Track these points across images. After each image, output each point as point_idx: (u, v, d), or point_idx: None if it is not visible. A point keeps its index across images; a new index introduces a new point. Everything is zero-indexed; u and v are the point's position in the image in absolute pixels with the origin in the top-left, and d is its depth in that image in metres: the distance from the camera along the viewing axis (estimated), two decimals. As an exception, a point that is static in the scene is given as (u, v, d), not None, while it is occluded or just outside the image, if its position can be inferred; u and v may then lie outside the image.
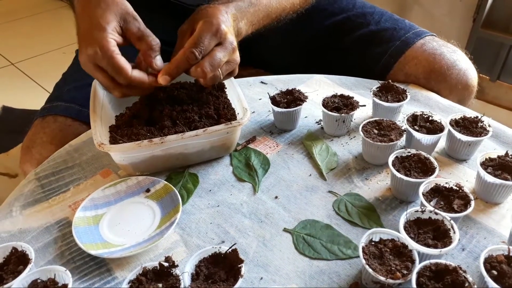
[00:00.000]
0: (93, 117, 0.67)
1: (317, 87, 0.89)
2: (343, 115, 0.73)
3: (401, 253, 0.51)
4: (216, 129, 0.64)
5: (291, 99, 0.76)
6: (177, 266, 0.51)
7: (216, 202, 0.65)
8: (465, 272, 0.47)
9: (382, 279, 0.47)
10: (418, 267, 0.48)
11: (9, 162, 1.55)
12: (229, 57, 0.66)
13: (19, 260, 0.54)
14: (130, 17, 0.65)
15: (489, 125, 0.68)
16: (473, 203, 0.56)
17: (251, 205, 0.64)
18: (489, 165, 0.62)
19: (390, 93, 0.78)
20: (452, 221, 0.53)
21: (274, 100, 0.77)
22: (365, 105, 0.79)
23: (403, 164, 0.63)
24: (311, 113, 0.82)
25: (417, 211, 0.55)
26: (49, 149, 0.79)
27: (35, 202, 0.67)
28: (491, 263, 0.48)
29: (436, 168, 0.61)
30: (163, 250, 0.58)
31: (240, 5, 0.74)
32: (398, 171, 0.61)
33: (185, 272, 0.50)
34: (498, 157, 0.63)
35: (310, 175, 0.69)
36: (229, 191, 0.67)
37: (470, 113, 0.72)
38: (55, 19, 2.78)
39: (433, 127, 0.69)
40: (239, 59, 0.68)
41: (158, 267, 0.51)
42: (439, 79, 0.85)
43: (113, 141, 0.65)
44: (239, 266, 0.50)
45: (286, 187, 0.67)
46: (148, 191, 0.66)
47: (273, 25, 0.82)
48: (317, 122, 0.80)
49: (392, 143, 0.66)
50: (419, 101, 0.84)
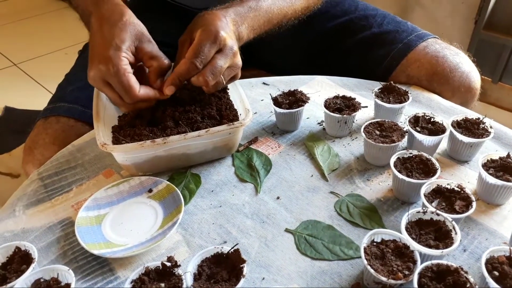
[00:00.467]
0: (96, 118, 0.67)
1: (319, 88, 0.89)
2: (345, 116, 0.73)
3: (403, 253, 0.51)
4: (218, 129, 0.64)
5: (293, 100, 0.77)
6: (180, 266, 0.51)
7: (218, 202, 0.65)
8: (466, 273, 0.47)
9: (383, 279, 0.48)
10: (419, 267, 0.48)
11: (11, 162, 1.55)
12: (231, 62, 0.66)
13: (22, 259, 0.54)
14: (145, 38, 0.67)
15: (490, 127, 0.68)
16: (474, 204, 0.56)
17: (253, 205, 0.65)
18: (490, 166, 0.62)
19: (392, 94, 0.78)
20: (453, 222, 0.53)
21: (276, 101, 0.77)
22: (367, 106, 0.79)
23: (405, 165, 0.63)
24: (313, 114, 0.82)
25: (418, 212, 0.55)
26: (51, 150, 0.79)
27: (38, 202, 0.67)
28: (492, 264, 0.48)
29: (437, 169, 0.61)
30: (165, 250, 0.59)
31: (239, 10, 0.74)
32: (399, 172, 0.62)
33: (187, 272, 0.50)
34: (499, 158, 0.63)
35: (312, 176, 0.69)
36: (231, 191, 0.67)
37: (472, 114, 0.72)
38: (57, 20, 2.79)
39: (435, 129, 0.69)
40: (241, 63, 0.68)
41: (160, 267, 0.51)
42: (442, 81, 0.85)
43: (116, 141, 0.65)
44: (241, 266, 0.50)
45: (288, 188, 0.67)
46: (150, 191, 0.66)
47: (275, 31, 0.83)
48: (319, 123, 0.80)
49: (394, 144, 0.66)
50: (421, 103, 0.84)
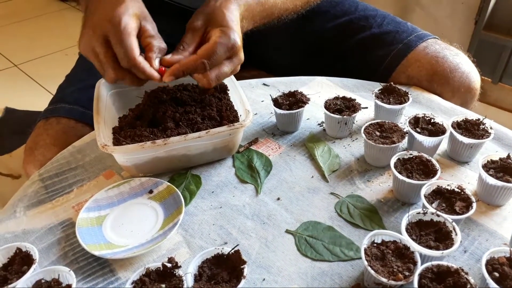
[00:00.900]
0: (97, 119, 0.67)
1: (319, 89, 0.89)
2: (345, 117, 0.73)
3: (403, 254, 0.51)
4: (218, 130, 0.64)
5: (293, 101, 0.77)
6: (180, 267, 0.51)
7: (218, 203, 0.65)
8: (467, 274, 0.47)
9: (384, 280, 0.48)
10: (420, 268, 0.48)
11: (12, 163, 1.55)
12: (235, 69, 0.67)
13: (23, 260, 0.54)
14: (148, 17, 0.66)
15: (491, 128, 0.68)
16: (475, 205, 0.56)
17: (253, 206, 0.65)
18: (491, 167, 0.62)
19: (392, 95, 0.78)
20: (454, 223, 0.53)
21: (276, 102, 0.77)
22: (367, 107, 0.79)
23: (405, 166, 0.63)
24: (313, 115, 0.82)
25: (419, 213, 0.55)
26: (52, 151, 0.79)
27: (38, 203, 0.67)
28: (493, 265, 0.49)
29: (438, 170, 0.61)
30: (166, 251, 0.59)
31: (250, 2, 0.73)
32: (400, 173, 0.62)
33: (188, 273, 0.50)
34: (500, 159, 0.63)
35: (312, 176, 0.69)
36: (231, 192, 0.67)
37: (472, 115, 0.72)
38: (58, 21, 2.80)
39: (435, 129, 0.69)
40: (239, 67, 0.69)
41: (161, 268, 0.51)
42: (442, 82, 0.85)
43: (117, 142, 0.66)
44: (242, 267, 0.50)
45: (288, 189, 0.67)
46: (151, 192, 0.66)
47: (272, 24, 0.83)
48: (319, 124, 0.80)
49: (394, 145, 0.66)
50: (421, 103, 0.84)
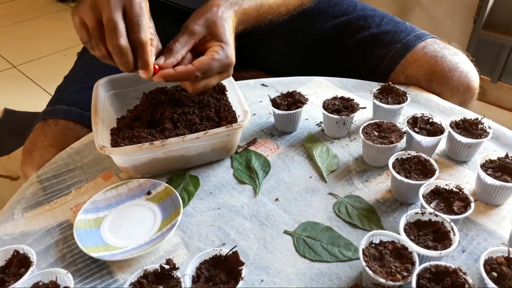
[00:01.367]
0: (95, 120, 0.67)
1: (318, 89, 0.89)
2: (343, 117, 0.73)
3: (401, 255, 0.51)
4: (217, 131, 0.64)
5: (291, 101, 0.77)
6: (178, 268, 0.51)
7: (217, 204, 0.65)
8: (465, 274, 0.47)
9: (382, 281, 0.48)
10: (418, 269, 0.48)
11: (11, 164, 1.55)
12: (220, 81, 0.69)
13: (20, 262, 0.54)
14: (148, 14, 0.65)
15: (489, 127, 0.68)
16: (473, 205, 0.56)
17: (251, 207, 0.64)
18: (489, 167, 0.62)
19: (390, 95, 0.78)
20: (452, 223, 0.53)
21: (274, 102, 0.77)
22: (365, 107, 0.79)
23: (403, 166, 0.63)
24: (311, 115, 0.82)
25: (417, 213, 0.55)
26: (50, 152, 0.79)
27: (36, 204, 0.67)
28: (491, 265, 0.48)
29: (436, 170, 0.61)
30: (164, 252, 0.59)
31: (247, 9, 0.74)
32: (398, 173, 0.61)
33: (186, 274, 0.50)
34: (498, 159, 0.63)
35: (310, 177, 0.69)
36: (229, 193, 0.67)
37: (470, 115, 0.72)
38: (57, 22, 2.80)
39: (433, 129, 0.69)
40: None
41: (159, 270, 0.51)
42: (441, 81, 0.85)
43: (115, 144, 0.66)
44: (240, 268, 0.50)
45: (286, 189, 0.67)
46: (149, 193, 0.66)
47: (269, 25, 0.83)
48: (317, 124, 0.80)
49: (392, 145, 0.66)
50: (419, 103, 0.84)
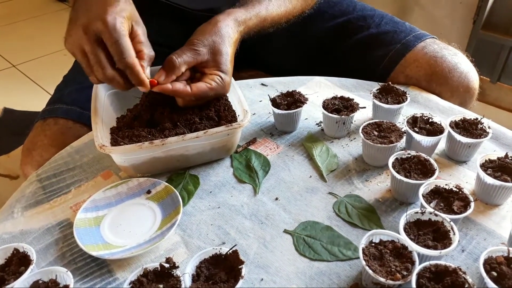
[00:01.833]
0: (94, 119, 0.67)
1: (317, 89, 0.89)
2: (343, 117, 0.73)
3: (401, 254, 0.51)
4: (216, 131, 0.64)
5: (291, 101, 0.77)
6: (178, 267, 0.51)
7: (216, 203, 0.65)
8: (465, 273, 0.47)
9: (382, 280, 0.48)
10: (418, 268, 0.48)
11: (10, 163, 1.55)
12: None
13: (20, 261, 0.54)
14: (139, 20, 0.66)
15: (489, 127, 0.68)
16: (473, 204, 0.56)
17: (251, 206, 0.64)
18: (489, 166, 0.62)
19: (390, 95, 0.78)
20: (452, 223, 0.53)
21: (274, 102, 0.77)
22: (365, 107, 0.79)
23: (403, 165, 0.63)
24: (311, 115, 0.82)
25: (417, 213, 0.55)
26: (50, 152, 0.79)
27: (36, 203, 0.67)
28: (490, 264, 0.49)
29: (436, 169, 0.61)
30: (164, 251, 0.59)
31: (250, 25, 0.76)
32: (398, 172, 0.62)
33: (185, 273, 0.50)
34: (498, 158, 0.63)
35: (310, 176, 0.69)
36: (229, 192, 0.67)
37: (470, 115, 0.72)
38: (56, 21, 2.79)
39: (433, 129, 0.69)
40: None
41: (159, 268, 0.51)
42: (441, 82, 0.85)
43: (114, 143, 0.65)
44: (240, 267, 0.50)
45: (286, 189, 0.67)
46: (149, 192, 0.66)
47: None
48: (317, 124, 0.80)
49: (392, 144, 0.66)
50: (419, 103, 0.84)
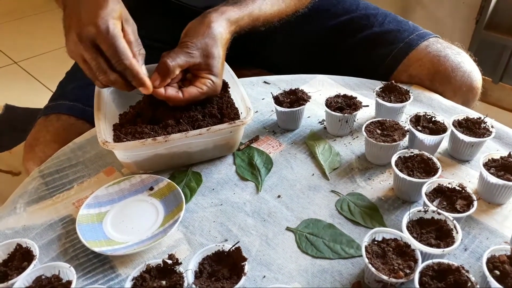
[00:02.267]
0: (97, 115, 0.67)
1: (320, 87, 0.89)
2: (346, 115, 0.73)
3: (404, 252, 0.51)
4: (219, 128, 0.64)
5: (294, 99, 0.77)
6: (181, 263, 0.51)
7: (219, 200, 0.65)
8: (467, 272, 0.47)
9: (385, 278, 0.48)
10: (420, 266, 0.48)
11: (12, 160, 1.55)
12: None
13: (23, 256, 0.54)
14: (129, 18, 0.66)
15: (492, 126, 0.68)
16: (475, 203, 0.56)
17: (254, 204, 0.65)
18: (491, 166, 0.62)
19: (393, 93, 0.78)
20: (454, 221, 0.53)
21: (277, 99, 0.77)
22: (368, 106, 0.79)
23: (406, 164, 0.63)
24: (314, 113, 0.82)
25: (419, 211, 0.55)
26: (52, 148, 0.79)
27: (39, 199, 0.67)
28: (493, 263, 0.49)
29: (439, 168, 0.61)
30: (166, 248, 0.59)
31: (242, 25, 0.76)
32: (401, 171, 0.61)
33: (188, 269, 0.50)
34: (501, 158, 0.63)
35: (313, 174, 0.69)
36: (232, 190, 0.67)
37: (473, 114, 0.72)
38: (58, 18, 2.74)
39: (436, 128, 0.69)
40: None
41: (161, 265, 0.51)
42: (444, 81, 0.85)
43: (117, 139, 0.65)
44: (242, 264, 0.50)
45: (289, 187, 0.67)
46: (151, 189, 0.66)
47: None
48: (320, 122, 0.80)
49: (395, 143, 0.66)
50: (422, 102, 0.84)
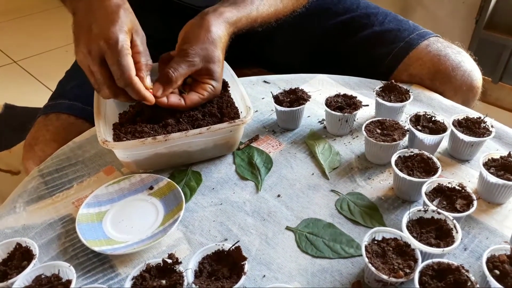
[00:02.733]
0: (97, 115, 0.67)
1: (320, 87, 0.89)
2: (346, 114, 0.73)
3: (404, 252, 0.51)
4: (219, 127, 0.64)
5: (294, 98, 0.77)
6: (181, 263, 0.51)
7: (219, 200, 0.65)
8: (467, 271, 0.47)
9: (384, 277, 0.48)
10: (420, 266, 0.48)
11: (11, 159, 1.55)
12: None
13: (23, 255, 0.54)
14: (139, 30, 0.67)
15: (492, 126, 0.68)
16: (475, 203, 0.56)
17: (253, 203, 0.65)
18: (491, 165, 0.62)
19: (393, 93, 0.78)
20: (454, 221, 0.53)
21: (277, 99, 0.77)
22: (368, 105, 0.79)
23: (406, 163, 0.63)
24: (314, 113, 0.82)
25: (419, 211, 0.55)
26: (51, 147, 0.79)
27: (38, 198, 0.67)
28: (493, 263, 0.49)
29: (438, 168, 0.61)
30: (166, 247, 0.59)
31: (239, 26, 0.76)
32: (401, 170, 0.61)
33: (188, 269, 0.50)
34: (500, 157, 0.63)
35: (312, 174, 0.69)
36: (232, 189, 0.67)
37: (473, 113, 0.72)
38: (58, 17, 2.79)
39: (436, 127, 0.69)
40: None
41: (161, 264, 0.51)
42: (444, 80, 0.85)
43: (117, 138, 0.65)
44: (242, 263, 0.50)
45: (288, 186, 0.67)
46: (151, 188, 0.66)
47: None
48: (320, 121, 0.80)
49: (394, 143, 0.66)
50: (422, 101, 0.84)
